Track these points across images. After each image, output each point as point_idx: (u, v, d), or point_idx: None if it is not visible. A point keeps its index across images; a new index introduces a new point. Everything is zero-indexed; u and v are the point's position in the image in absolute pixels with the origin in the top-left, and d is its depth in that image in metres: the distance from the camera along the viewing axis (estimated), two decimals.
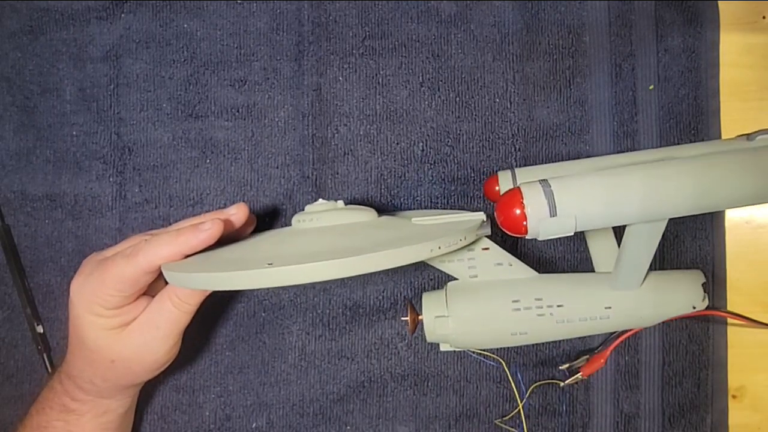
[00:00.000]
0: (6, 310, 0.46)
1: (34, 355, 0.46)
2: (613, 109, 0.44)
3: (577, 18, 0.44)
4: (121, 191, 0.46)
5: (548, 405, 0.44)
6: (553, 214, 0.29)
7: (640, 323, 0.35)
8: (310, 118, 0.45)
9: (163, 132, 0.46)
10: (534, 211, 0.29)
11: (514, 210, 0.30)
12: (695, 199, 0.30)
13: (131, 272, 0.34)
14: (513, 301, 0.36)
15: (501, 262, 0.37)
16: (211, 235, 0.34)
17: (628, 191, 0.30)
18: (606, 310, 0.35)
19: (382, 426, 0.44)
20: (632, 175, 0.30)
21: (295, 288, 0.45)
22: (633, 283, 0.35)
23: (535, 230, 0.30)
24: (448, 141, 0.45)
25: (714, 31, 0.43)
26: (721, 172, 0.30)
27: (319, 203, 0.38)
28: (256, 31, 0.46)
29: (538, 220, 0.29)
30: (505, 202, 0.30)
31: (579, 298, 0.36)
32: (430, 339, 0.37)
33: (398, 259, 0.31)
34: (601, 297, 0.35)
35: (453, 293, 0.37)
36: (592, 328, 0.36)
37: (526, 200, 0.30)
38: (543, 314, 0.35)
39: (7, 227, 0.46)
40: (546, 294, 0.36)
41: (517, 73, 0.44)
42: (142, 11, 0.46)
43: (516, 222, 0.30)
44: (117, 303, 0.35)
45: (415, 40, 0.45)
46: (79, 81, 0.46)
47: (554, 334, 0.36)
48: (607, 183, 0.30)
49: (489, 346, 0.38)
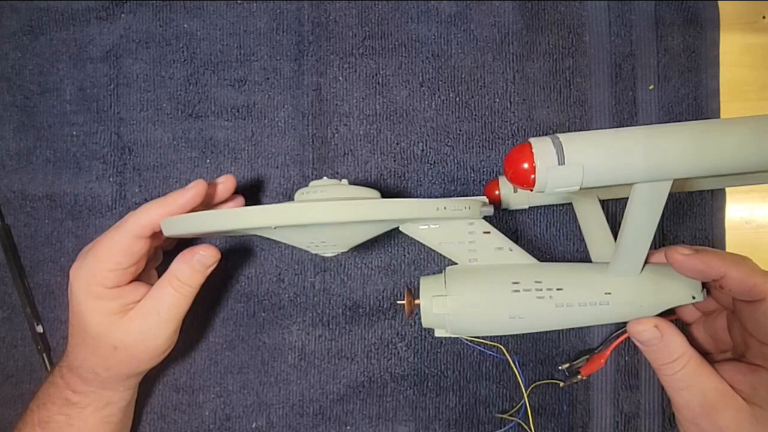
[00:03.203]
0: (6, 310, 0.46)
1: (34, 355, 0.46)
2: (613, 109, 0.44)
3: (577, 18, 0.44)
4: (121, 191, 0.46)
5: (548, 405, 0.44)
6: (561, 163, 0.29)
7: (640, 312, 0.35)
8: (310, 118, 0.45)
9: (163, 132, 0.46)
10: (543, 160, 0.30)
11: (522, 160, 0.30)
12: (700, 157, 0.30)
13: (123, 239, 0.35)
14: (513, 283, 0.35)
15: (501, 247, 0.37)
16: (197, 192, 0.36)
17: (634, 145, 0.30)
18: (606, 296, 0.35)
19: (382, 426, 0.44)
20: (638, 131, 0.30)
21: (295, 288, 0.45)
22: (633, 267, 0.35)
23: (543, 180, 0.30)
24: (448, 141, 0.45)
25: (714, 31, 0.43)
26: (728, 134, 0.30)
27: (324, 180, 0.38)
28: (256, 31, 0.46)
29: (546, 169, 0.29)
30: (515, 151, 0.31)
31: (579, 282, 0.36)
32: (425, 322, 0.36)
33: (404, 210, 0.31)
34: (601, 282, 0.35)
35: (452, 274, 0.37)
36: (592, 315, 0.35)
37: (535, 150, 0.30)
38: (542, 297, 0.35)
39: (7, 227, 0.46)
40: (546, 277, 0.36)
41: (517, 73, 0.44)
42: (142, 11, 0.46)
43: (525, 172, 0.30)
44: (115, 279, 0.36)
45: (415, 40, 0.45)
46: (79, 81, 0.46)
47: (553, 321, 0.36)
48: (614, 137, 0.30)
49: (486, 333, 0.37)
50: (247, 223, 0.31)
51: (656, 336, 0.33)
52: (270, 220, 0.31)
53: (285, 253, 0.45)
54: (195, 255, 0.37)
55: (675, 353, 0.33)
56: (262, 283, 0.45)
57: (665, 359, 0.33)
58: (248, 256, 0.45)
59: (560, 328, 0.36)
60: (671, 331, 0.33)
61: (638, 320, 0.34)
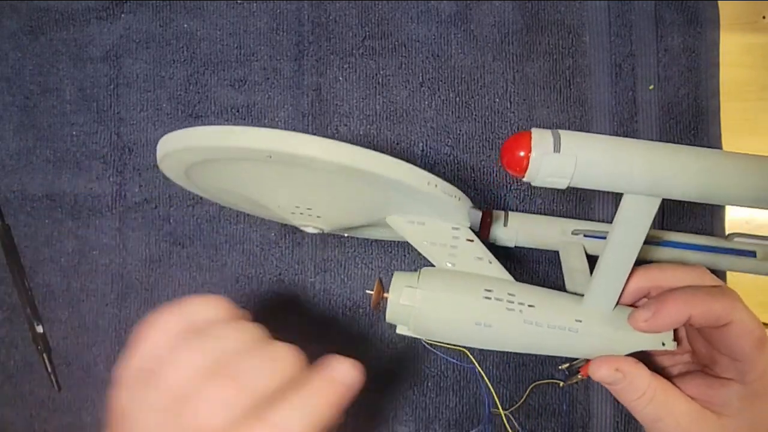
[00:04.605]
0: (6, 310, 0.46)
1: (34, 355, 0.46)
2: (613, 109, 0.44)
3: (577, 18, 0.44)
4: (121, 191, 0.46)
5: (548, 405, 0.44)
6: (556, 150, 0.30)
7: (608, 347, 0.34)
8: (310, 118, 0.45)
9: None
10: (539, 146, 0.30)
11: (519, 147, 0.30)
12: (697, 183, 0.30)
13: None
14: (485, 290, 0.35)
15: (482, 257, 0.37)
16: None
17: (632, 152, 0.30)
18: (576, 323, 0.34)
19: (382, 426, 0.44)
20: (640, 143, 0.31)
21: (295, 288, 0.45)
22: (607, 298, 0.35)
23: (536, 165, 0.30)
24: (448, 141, 0.45)
25: (714, 31, 0.43)
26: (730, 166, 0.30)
27: None
28: (256, 31, 0.46)
29: (541, 155, 0.30)
30: (512, 140, 0.31)
31: (552, 303, 0.35)
32: (390, 315, 0.36)
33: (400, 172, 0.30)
34: (573, 309, 0.35)
35: (427, 272, 0.36)
36: (560, 341, 0.35)
37: (534, 136, 0.30)
38: (513, 309, 0.34)
39: (7, 227, 0.46)
40: (519, 293, 0.35)
41: (517, 73, 0.44)
42: (142, 11, 0.46)
43: (518, 159, 0.30)
44: None
45: (415, 40, 0.45)
46: (79, 81, 0.46)
47: (519, 337, 0.35)
48: (613, 141, 0.31)
49: (449, 338, 0.36)
50: (241, 141, 0.29)
51: (618, 378, 0.33)
52: (267, 144, 0.29)
53: (285, 253, 0.45)
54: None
55: (640, 389, 0.32)
56: (262, 284, 0.45)
57: (632, 396, 0.33)
58: (248, 256, 0.45)
59: (526, 350, 0.35)
60: (633, 369, 0.33)
61: (599, 362, 0.34)
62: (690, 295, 0.33)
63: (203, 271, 0.46)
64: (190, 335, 0.28)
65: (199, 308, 0.29)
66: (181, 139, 0.33)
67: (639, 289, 0.35)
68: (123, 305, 0.46)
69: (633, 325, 0.34)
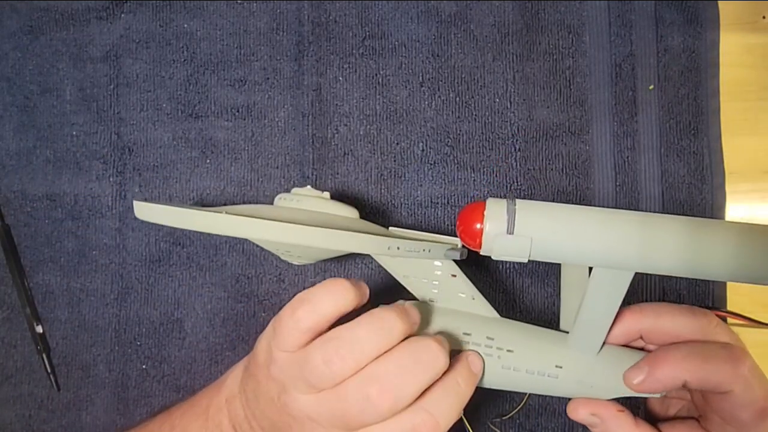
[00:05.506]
0: (6, 310, 0.46)
1: (34, 355, 0.46)
2: (613, 109, 0.44)
3: (577, 18, 0.44)
4: (121, 191, 0.46)
5: (548, 405, 0.44)
6: (510, 232, 0.29)
7: (590, 392, 0.33)
8: (310, 118, 0.45)
9: (163, 132, 0.46)
10: (492, 224, 0.29)
11: (474, 220, 0.29)
12: (670, 258, 0.28)
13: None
14: (464, 333, 0.34)
15: (464, 293, 0.36)
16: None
17: (591, 226, 0.28)
18: (556, 369, 0.33)
19: None
20: (601, 213, 0.29)
21: (295, 288, 0.45)
22: (590, 344, 0.33)
23: (489, 245, 0.29)
24: (448, 141, 0.45)
25: (714, 31, 0.43)
26: (713, 235, 0.28)
27: (307, 189, 0.37)
28: (256, 31, 0.46)
29: (494, 235, 0.29)
30: (467, 211, 0.30)
31: (532, 348, 0.34)
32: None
33: (351, 244, 0.30)
34: (554, 353, 0.34)
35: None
36: (538, 384, 0.34)
37: (487, 212, 0.29)
38: (491, 354, 0.33)
39: (7, 227, 0.46)
40: (499, 336, 0.34)
41: (517, 73, 0.44)
42: (142, 11, 0.46)
43: (473, 232, 0.29)
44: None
45: (415, 40, 0.45)
46: (79, 81, 0.46)
47: (496, 380, 0.34)
48: (577, 216, 0.29)
49: None
50: (196, 226, 0.30)
51: (595, 422, 0.32)
52: (208, 227, 0.30)
53: None
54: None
55: None
56: (262, 284, 0.45)
57: None
58: (248, 256, 0.45)
59: (504, 389, 0.35)
60: (612, 416, 0.32)
61: (576, 403, 0.33)
62: (688, 357, 0.31)
63: (203, 271, 0.46)
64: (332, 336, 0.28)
65: (328, 300, 0.29)
66: (146, 214, 0.32)
67: (630, 332, 0.33)
68: (123, 305, 0.46)
69: (626, 384, 0.33)
